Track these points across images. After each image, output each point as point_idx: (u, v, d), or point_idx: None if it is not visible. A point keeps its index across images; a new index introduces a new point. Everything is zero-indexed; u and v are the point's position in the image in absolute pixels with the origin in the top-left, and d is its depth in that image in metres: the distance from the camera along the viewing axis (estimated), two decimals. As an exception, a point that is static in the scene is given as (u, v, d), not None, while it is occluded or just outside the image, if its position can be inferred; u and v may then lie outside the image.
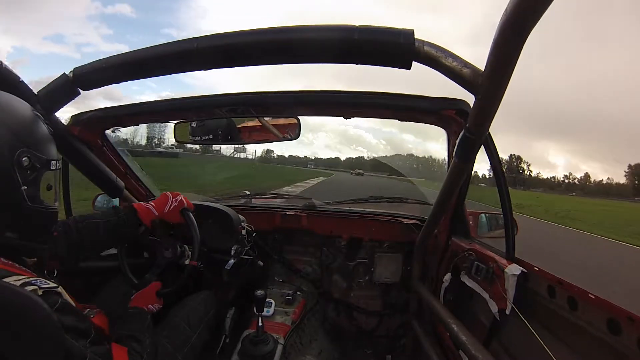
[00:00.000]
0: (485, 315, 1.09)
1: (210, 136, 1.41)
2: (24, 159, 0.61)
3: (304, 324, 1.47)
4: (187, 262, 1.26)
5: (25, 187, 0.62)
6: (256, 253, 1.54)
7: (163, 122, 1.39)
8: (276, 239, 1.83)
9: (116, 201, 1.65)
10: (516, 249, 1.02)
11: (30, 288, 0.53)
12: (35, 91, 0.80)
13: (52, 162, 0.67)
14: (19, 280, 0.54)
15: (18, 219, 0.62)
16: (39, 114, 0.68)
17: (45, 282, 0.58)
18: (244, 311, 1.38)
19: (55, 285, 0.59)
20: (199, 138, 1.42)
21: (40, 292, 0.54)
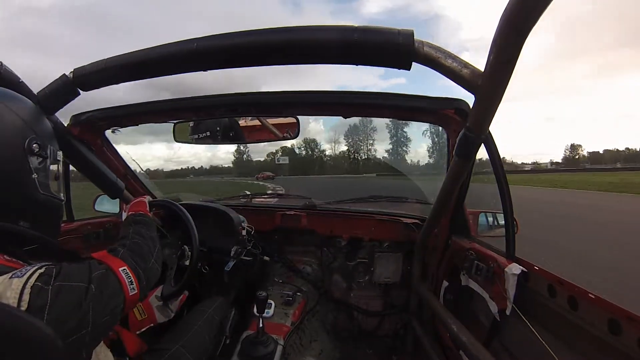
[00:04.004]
0: (485, 315, 1.09)
1: (209, 133, 1.41)
2: (34, 145, 0.62)
3: (304, 324, 1.47)
4: (186, 262, 1.27)
5: (36, 175, 0.63)
6: (259, 250, 1.55)
7: (163, 122, 1.39)
8: (276, 239, 1.83)
9: (117, 202, 1.65)
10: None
11: (15, 282, 0.47)
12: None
13: (59, 152, 0.69)
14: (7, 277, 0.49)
15: (30, 207, 0.63)
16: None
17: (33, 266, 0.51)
18: (244, 312, 1.38)
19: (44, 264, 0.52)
20: (199, 137, 1.43)
21: (28, 291, 0.47)
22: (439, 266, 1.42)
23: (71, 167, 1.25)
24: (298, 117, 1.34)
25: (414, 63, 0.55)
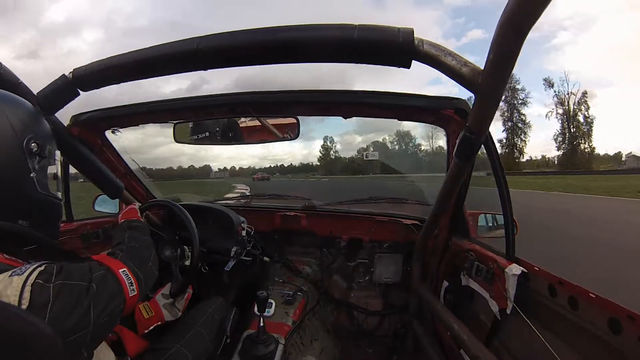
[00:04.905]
0: (485, 314, 1.09)
1: (208, 133, 1.41)
2: (32, 144, 0.63)
3: (305, 324, 1.47)
4: (187, 262, 1.27)
5: (35, 174, 0.63)
6: (259, 250, 1.55)
7: (163, 122, 1.39)
8: (276, 239, 1.83)
9: (116, 202, 1.65)
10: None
11: (16, 279, 0.47)
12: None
13: (57, 152, 0.70)
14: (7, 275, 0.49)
15: (29, 206, 0.63)
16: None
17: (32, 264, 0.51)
18: (244, 312, 1.38)
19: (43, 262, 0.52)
20: (198, 137, 1.43)
21: (29, 286, 0.47)
22: (439, 267, 1.42)
23: (71, 168, 1.25)
24: (298, 117, 1.34)
25: (413, 61, 0.55)
